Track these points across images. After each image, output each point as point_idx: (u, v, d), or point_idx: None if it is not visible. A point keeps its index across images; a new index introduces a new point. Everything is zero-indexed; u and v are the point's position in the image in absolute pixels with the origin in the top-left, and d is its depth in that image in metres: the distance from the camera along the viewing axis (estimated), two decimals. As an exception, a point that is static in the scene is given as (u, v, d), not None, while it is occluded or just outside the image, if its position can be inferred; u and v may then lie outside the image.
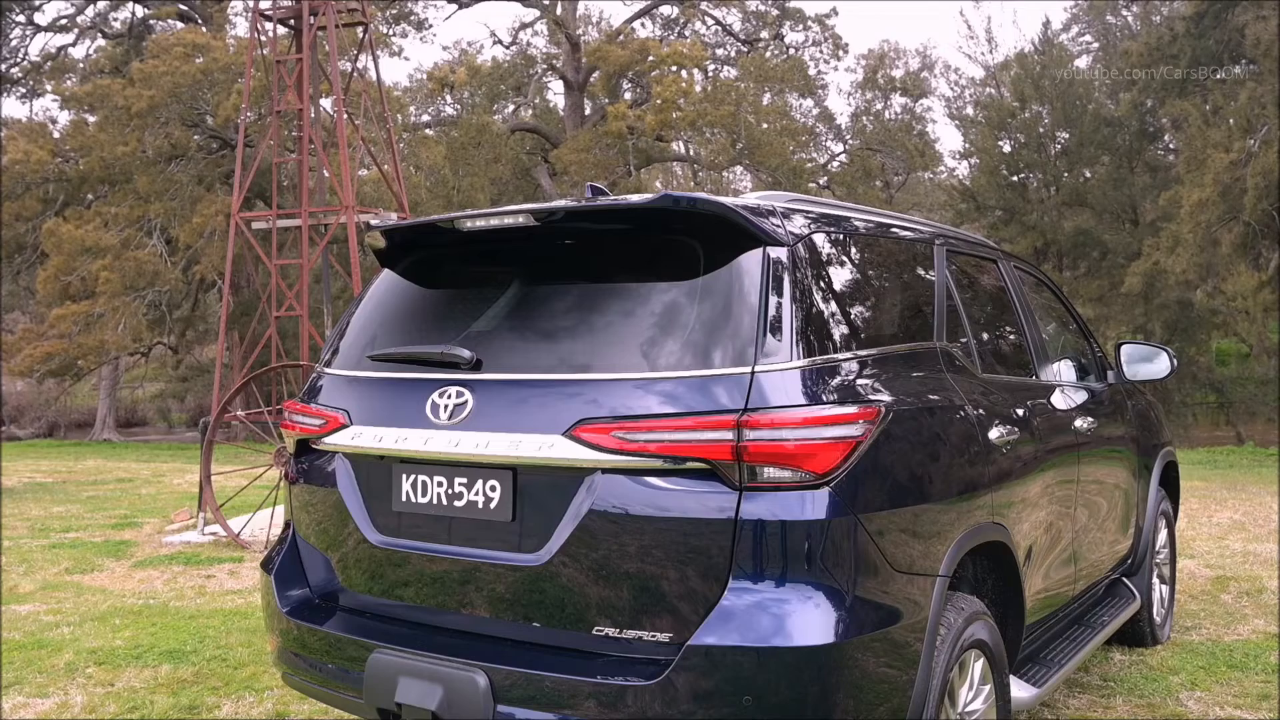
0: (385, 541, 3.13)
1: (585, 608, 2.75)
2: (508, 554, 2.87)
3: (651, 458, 2.67)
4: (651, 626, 2.66)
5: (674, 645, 2.62)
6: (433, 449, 2.99)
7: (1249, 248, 19.03)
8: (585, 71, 29.32)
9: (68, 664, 5.25)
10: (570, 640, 2.79)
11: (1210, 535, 8.71)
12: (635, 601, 2.69)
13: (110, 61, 28.01)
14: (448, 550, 2.99)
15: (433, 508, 3.02)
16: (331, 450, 3.31)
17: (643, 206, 2.96)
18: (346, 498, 3.24)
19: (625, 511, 2.70)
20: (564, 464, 2.76)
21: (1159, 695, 4.62)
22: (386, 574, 3.15)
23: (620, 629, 2.69)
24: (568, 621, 2.78)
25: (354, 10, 12.23)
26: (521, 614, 2.86)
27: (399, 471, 3.10)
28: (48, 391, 27.89)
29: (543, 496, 2.83)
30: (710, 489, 2.63)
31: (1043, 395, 4.16)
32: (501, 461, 2.86)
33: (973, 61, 49.67)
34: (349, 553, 3.25)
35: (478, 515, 2.93)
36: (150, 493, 13.20)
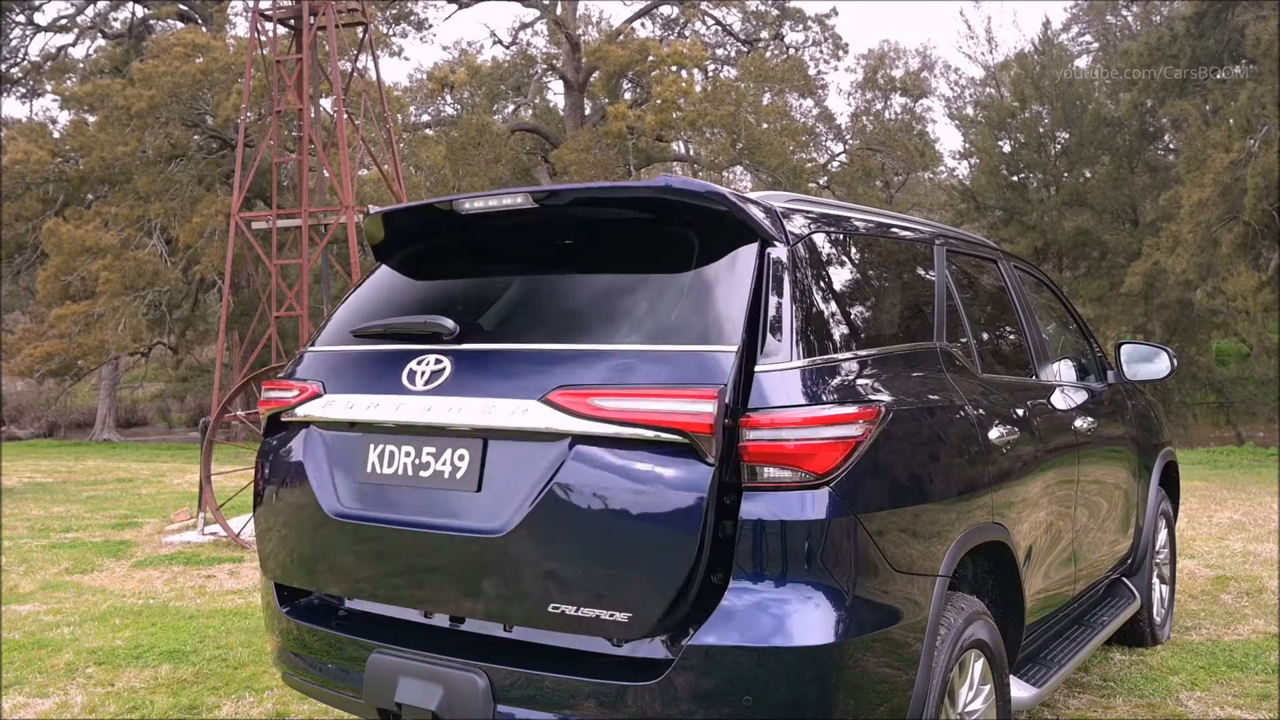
0: (344, 514, 3.05)
1: (544, 583, 2.68)
2: (468, 524, 2.79)
3: (627, 427, 2.61)
4: (611, 606, 2.58)
5: (633, 624, 2.56)
6: (404, 416, 2.95)
7: (1249, 248, 19.03)
8: (585, 71, 29.32)
9: (68, 664, 5.25)
10: (527, 618, 2.72)
11: (1210, 535, 8.71)
12: (596, 578, 2.62)
13: (110, 61, 28.02)
14: (408, 521, 2.91)
15: (397, 479, 2.96)
16: (301, 422, 3.26)
17: (643, 191, 2.96)
18: (309, 471, 3.17)
19: (594, 484, 2.64)
20: (536, 430, 2.71)
21: (1159, 695, 4.62)
22: (343, 549, 3.08)
23: (578, 607, 2.60)
24: (525, 597, 2.71)
25: (354, 10, 12.23)
26: (479, 587, 2.79)
27: (367, 442, 3.05)
28: (48, 391, 27.90)
29: (510, 466, 2.77)
30: (685, 465, 2.57)
31: (1043, 395, 4.16)
32: (473, 427, 2.82)
33: (973, 61, 49.69)
34: (306, 528, 3.18)
35: (442, 485, 2.87)
36: (150, 493, 13.20)
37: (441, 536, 2.84)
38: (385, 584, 3.03)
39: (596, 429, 2.65)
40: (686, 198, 2.87)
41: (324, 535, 3.12)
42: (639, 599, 2.57)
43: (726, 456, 2.61)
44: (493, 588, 2.78)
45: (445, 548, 2.85)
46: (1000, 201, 26.67)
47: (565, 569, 2.66)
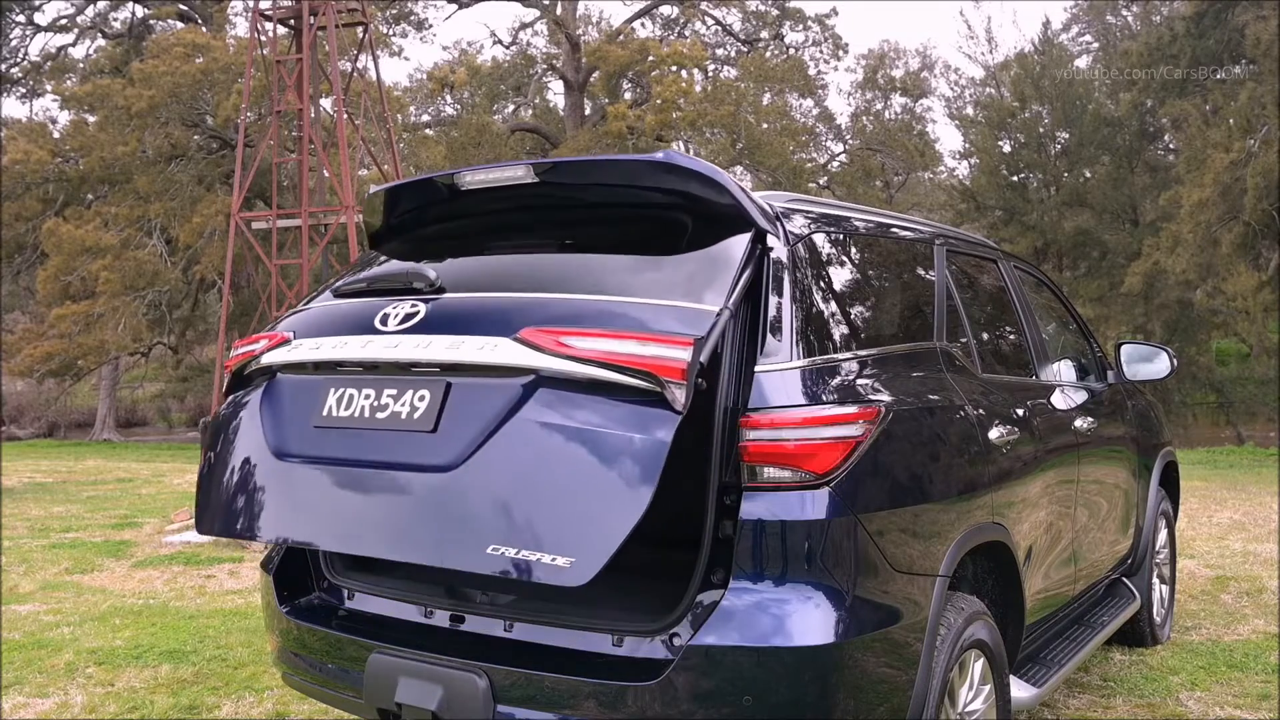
0: (290, 455, 2.94)
1: (485, 522, 2.53)
2: (416, 461, 2.67)
3: (597, 367, 2.52)
4: (553, 549, 2.42)
5: (573, 570, 2.38)
6: (369, 353, 2.87)
7: (1249, 248, 19.04)
8: (585, 71, 29.33)
9: (68, 664, 5.25)
10: (464, 559, 2.56)
11: (1210, 535, 8.71)
12: (540, 519, 2.49)
13: (110, 61, 28.03)
14: (355, 460, 2.80)
15: (353, 421, 2.84)
16: (264, 372, 3.16)
17: (643, 164, 2.95)
18: (263, 418, 3.06)
19: (552, 425, 2.55)
20: (502, 365, 2.63)
21: (1159, 695, 4.62)
22: (286, 491, 2.95)
23: (518, 549, 2.44)
24: (465, 537, 2.56)
25: (354, 10, 12.24)
26: (418, 527, 2.66)
27: (328, 386, 2.95)
28: (48, 391, 27.91)
29: (469, 406, 2.67)
30: (651, 413, 2.47)
31: (1043, 395, 4.16)
32: (438, 362, 2.73)
33: (973, 61, 49.69)
34: (250, 474, 3.05)
35: (398, 426, 2.75)
36: (150, 493, 13.20)
37: (386, 475, 2.72)
38: (325, 525, 2.88)
39: (565, 367, 2.55)
40: (685, 174, 2.85)
41: (267, 479, 2.99)
42: (583, 544, 2.41)
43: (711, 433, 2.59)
44: (432, 527, 2.63)
45: (389, 486, 2.72)
46: (1000, 201, 26.68)
47: (509, 508, 2.52)
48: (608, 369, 2.52)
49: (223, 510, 3.08)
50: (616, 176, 3.13)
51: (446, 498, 2.61)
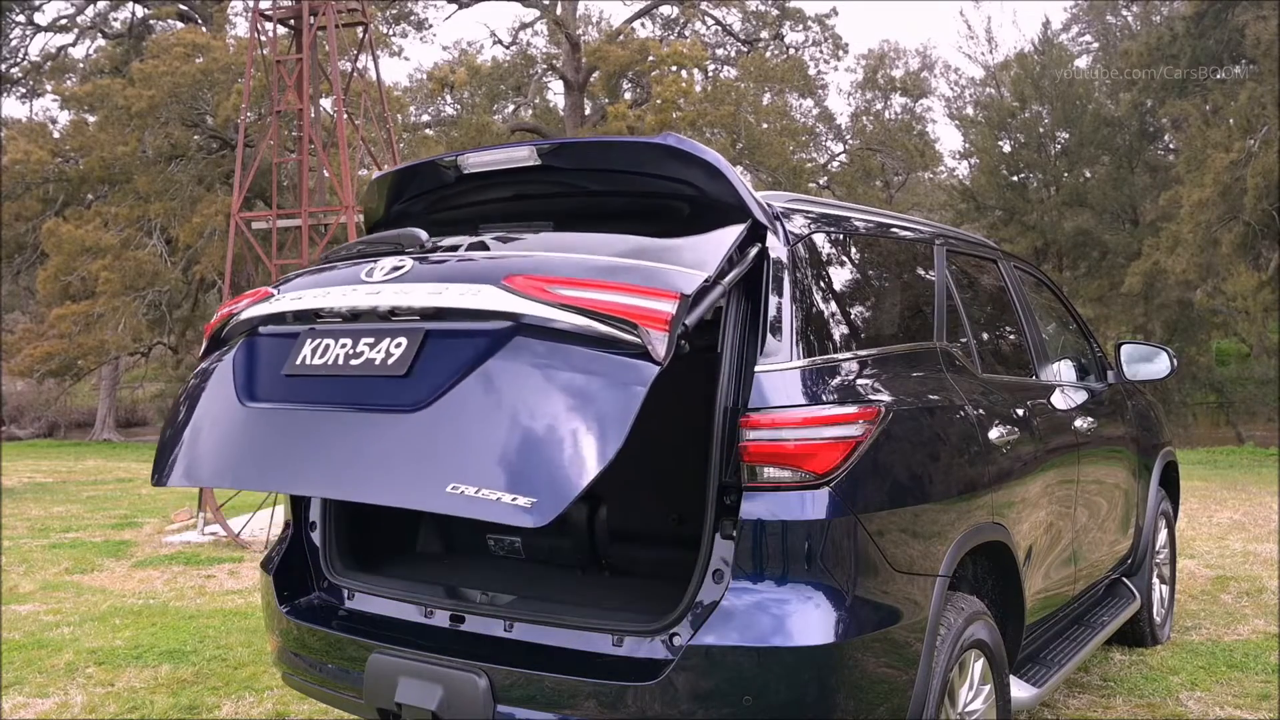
0: (259, 401, 2.86)
1: (448, 461, 2.47)
2: (384, 403, 2.61)
3: (579, 314, 2.49)
4: (516, 489, 2.34)
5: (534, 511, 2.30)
6: (350, 301, 2.81)
7: (1249, 248, 19.03)
8: (585, 71, 29.31)
9: (68, 664, 5.25)
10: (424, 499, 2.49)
11: (1210, 535, 8.71)
12: (506, 459, 2.42)
13: (110, 61, 28.02)
14: (323, 402, 2.73)
15: (325, 368, 2.78)
16: (242, 329, 3.10)
17: (645, 146, 2.96)
18: (234, 370, 2.99)
19: (528, 368, 2.51)
20: (484, 310, 2.59)
21: (1159, 695, 4.62)
22: (250, 437, 2.86)
23: (479, 488, 2.36)
24: (426, 476, 2.48)
25: (354, 10, 12.23)
26: (380, 467, 2.57)
27: (305, 338, 2.89)
28: (48, 391, 27.87)
29: (447, 351, 2.62)
30: (629, 362, 2.44)
31: (1043, 395, 4.16)
32: (420, 308, 2.68)
33: (973, 61, 49.63)
34: (214, 423, 2.97)
35: (371, 371, 2.69)
36: (150, 493, 13.19)
37: (350, 416, 2.66)
38: (282, 468, 2.81)
39: (546, 313, 2.52)
40: (685, 158, 2.86)
41: (228, 426, 2.91)
42: (546, 485, 2.34)
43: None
44: (392, 467, 2.56)
45: (351, 426, 2.66)
46: (1000, 201, 26.67)
47: (474, 449, 2.46)
48: (589, 316, 2.48)
49: (181, 460, 2.97)
50: (618, 158, 3.14)
51: (410, 437, 2.54)
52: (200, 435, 2.98)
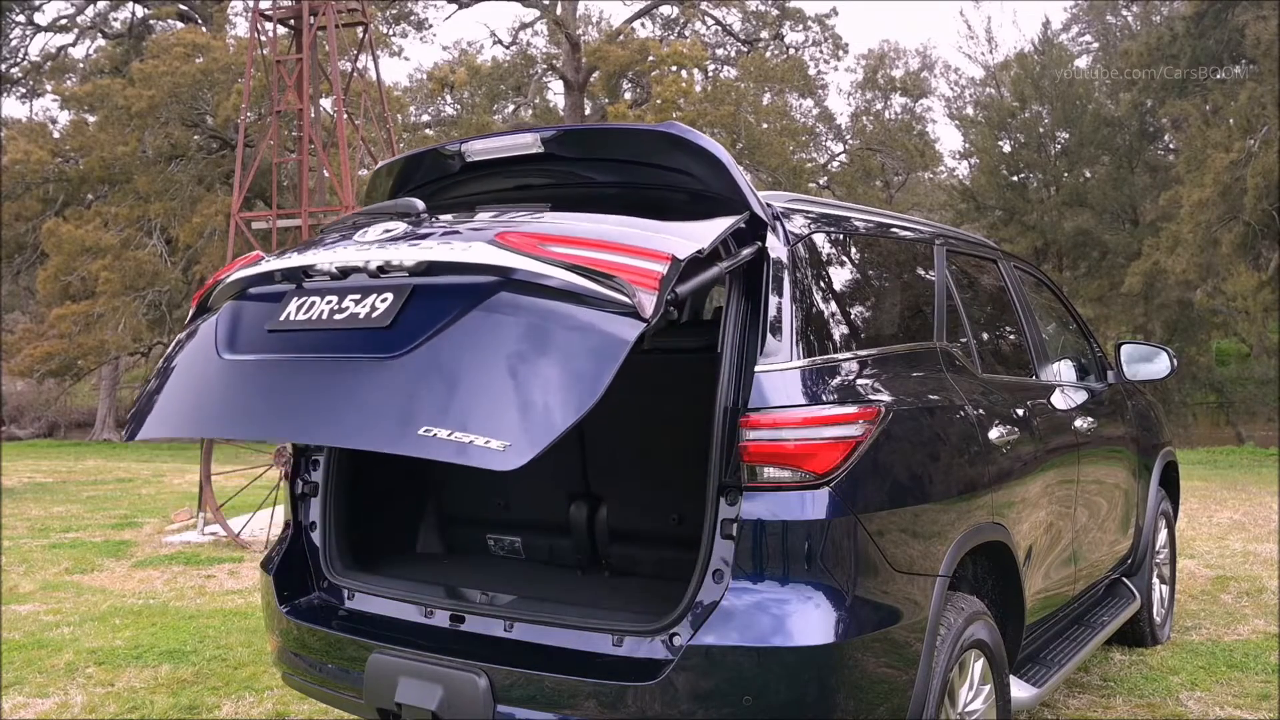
0: (239, 355, 2.80)
1: (421, 405, 2.42)
2: (363, 353, 2.56)
3: (568, 270, 2.46)
4: (489, 432, 2.30)
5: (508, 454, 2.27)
6: (339, 258, 2.75)
7: (1249, 248, 19.04)
8: (585, 71, 29.31)
9: (68, 664, 5.25)
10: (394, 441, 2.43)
11: (1210, 535, 8.71)
12: (481, 403, 2.39)
13: (110, 61, 28.02)
14: (302, 354, 2.68)
15: (309, 323, 2.72)
16: (230, 290, 3.04)
17: (648, 133, 2.97)
18: (216, 329, 2.92)
19: (512, 320, 2.48)
20: (473, 263, 2.57)
21: (1159, 695, 4.62)
22: (226, 388, 2.81)
23: (451, 430, 2.32)
24: (398, 419, 2.43)
25: (354, 10, 12.23)
26: (350, 410, 2.53)
27: (290, 297, 2.83)
28: (48, 391, 27.87)
29: (432, 304, 2.57)
30: (615, 317, 2.40)
31: (1043, 395, 4.16)
32: (409, 264, 2.63)
33: (973, 61, 49.58)
34: (192, 378, 2.93)
35: (354, 325, 2.63)
36: (150, 493, 13.20)
37: (327, 364, 2.62)
38: (255, 416, 2.76)
39: (536, 268, 2.49)
40: (686, 146, 2.87)
41: (204, 379, 2.87)
42: (521, 430, 2.30)
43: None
44: (364, 411, 2.51)
45: (326, 373, 2.61)
46: (1000, 201, 26.67)
47: (449, 394, 2.43)
48: (579, 272, 2.46)
49: (154, 414, 2.91)
50: (620, 145, 3.16)
51: (386, 383, 2.49)
52: (175, 390, 2.94)
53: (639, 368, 3.71)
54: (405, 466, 4.01)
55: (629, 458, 3.65)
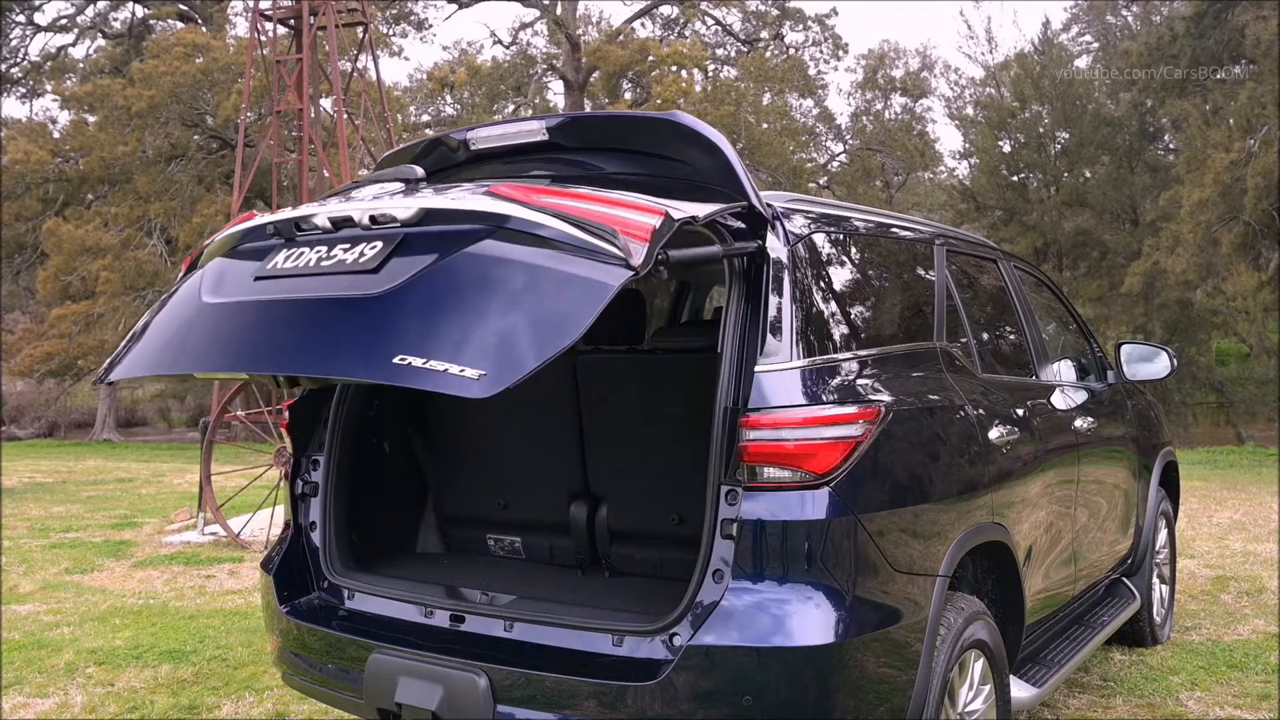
0: (224, 299, 2.78)
1: (400, 337, 2.41)
2: (346, 295, 2.54)
3: (561, 220, 2.47)
4: (464, 360, 2.29)
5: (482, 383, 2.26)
6: (333, 210, 2.74)
7: (1249, 248, 19.03)
8: (585, 71, 29.31)
9: (68, 664, 5.25)
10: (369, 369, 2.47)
11: (1210, 535, 8.71)
12: (457, 335, 2.38)
13: (110, 61, 28.02)
14: (287, 298, 2.66)
15: (296, 270, 2.70)
16: (221, 246, 3.02)
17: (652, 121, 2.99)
18: (203, 280, 2.90)
19: (499, 262, 2.48)
20: (466, 210, 2.58)
21: (1159, 695, 4.62)
22: (209, 329, 2.78)
23: (426, 359, 2.31)
24: (373, 350, 2.43)
25: (354, 10, 12.24)
26: (328, 343, 2.54)
27: (281, 248, 2.81)
28: (48, 391, 27.86)
29: (421, 249, 2.56)
30: (603, 265, 2.39)
31: (1043, 395, 4.16)
32: (403, 218, 2.62)
33: (973, 61, 49.58)
34: (177, 323, 2.89)
35: (341, 270, 2.61)
36: (150, 493, 13.20)
37: (310, 303, 2.61)
38: (235, 350, 2.73)
39: (528, 216, 2.50)
40: (689, 136, 2.88)
41: (188, 321, 2.85)
42: (497, 360, 2.30)
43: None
44: (341, 342, 2.52)
45: (308, 311, 2.61)
46: (1000, 201, 26.66)
47: (428, 326, 2.43)
48: (570, 222, 2.46)
49: (130, 356, 2.89)
50: (625, 133, 3.17)
51: (365, 318, 2.49)
52: (154, 335, 2.92)
53: (639, 368, 3.73)
54: (405, 466, 4.01)
55: (629, 458, 3.65)
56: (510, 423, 3.87)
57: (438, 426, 4.02)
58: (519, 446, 3.87)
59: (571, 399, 3.69)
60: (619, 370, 3.70)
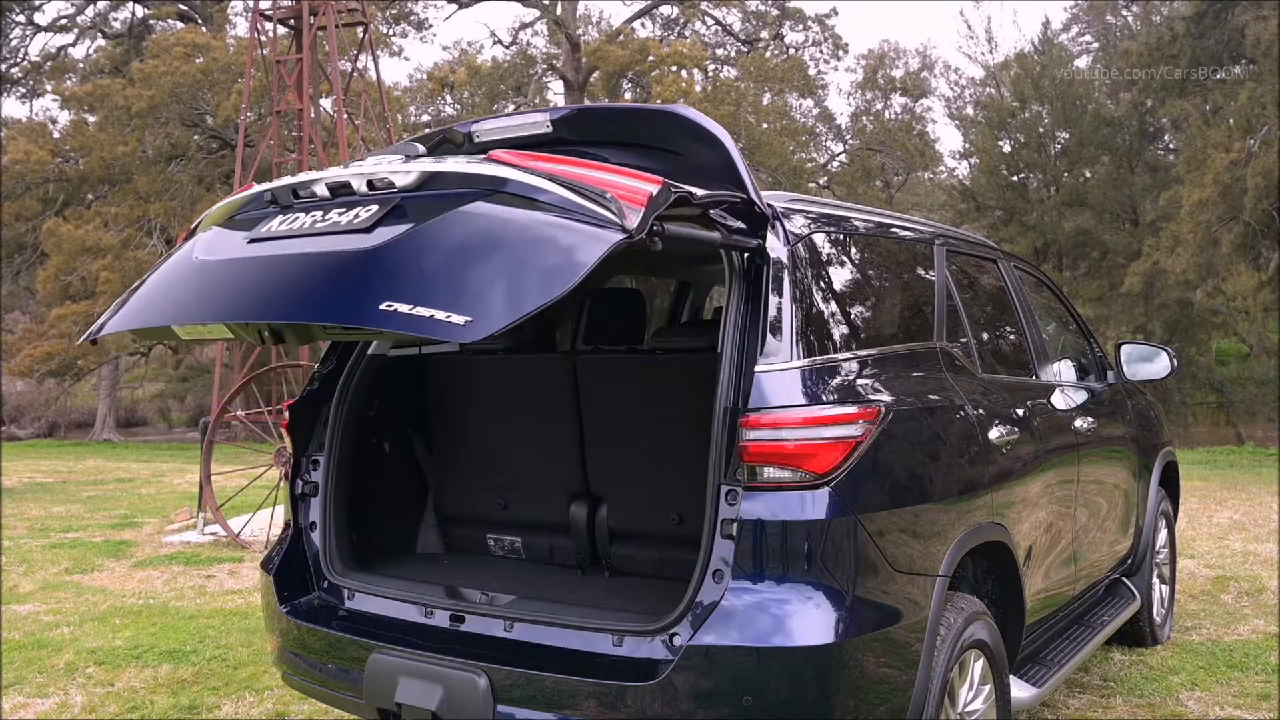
0: (214, 258, 2.78)
1: (389, 285, 2.41)
2: (338, 249, 2.55)
3: (559, 184, 2.48)
4: (450, 307, 2.30)
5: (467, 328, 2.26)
6: (332, 176, 2.75)
7: (1249, 248, 19.03)
8: (585, 71, 29.31)
9: (68, 664, 5.25)
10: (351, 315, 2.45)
11: (1210, 535, 8.71)
12: (444, 283, 2.40)
13: (110, 61, 28.02)
14: (280, 255, 2.67)
15: (291, 231, 2.70)
16: (216, 216, 3.03)
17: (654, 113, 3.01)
18: (196, 243, 2.92)
19: (492, 220, 2.49)
20: (463, 174, 2.60)
21: (1159, 695, 4.62)
22: (195, 285, 2.79)
23: (413, 305, 2.30)
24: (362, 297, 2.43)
25: (354, 10, 12.24)
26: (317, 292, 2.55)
27: (277, 213, 2.82)
28: (48, 391, 27.86)
29: (415, 209, 2.58)
30: (595, 228, 2.38)
31: (1043, 395, 4.16)
32: (402, 181, 2.63)
33: (973, 61, 49.57)
34: (170, 282, 2.90)
35: (335, 230, 2.61)
36: (150, 493, 13.19)
37: (302, 258, 2.61)
38: (224, 301, 2.72)
39: (525, 179, 2.52)
40: (691, 125, 2.89)
41: (180, 278, 2.87)
42: (485, 307, 2.31)
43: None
44: (330, 291, 2.53)
45: (301, 266, 2.61)
46: (1000, 201, 26.66)
47: (418, 276, 2.44)
48: (569, 187, 2.47)
49: (119, 313, 2.89)
50: (629, 125, 3.18)
51: (356, 269, 2.50)
52: (144, 292, 2.92)
53: (639, 368, 3.73)
54: (405, 466, 4.01)
55: (629, 458, 3.65)
56: (510, 423, 3.87)
57: (438, 426, 4.02)
58: (519, 446, 3.87)
59: (571, 399, 3.69)
60: (619, 370, 3.70)
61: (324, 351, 3.80)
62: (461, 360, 4.04)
